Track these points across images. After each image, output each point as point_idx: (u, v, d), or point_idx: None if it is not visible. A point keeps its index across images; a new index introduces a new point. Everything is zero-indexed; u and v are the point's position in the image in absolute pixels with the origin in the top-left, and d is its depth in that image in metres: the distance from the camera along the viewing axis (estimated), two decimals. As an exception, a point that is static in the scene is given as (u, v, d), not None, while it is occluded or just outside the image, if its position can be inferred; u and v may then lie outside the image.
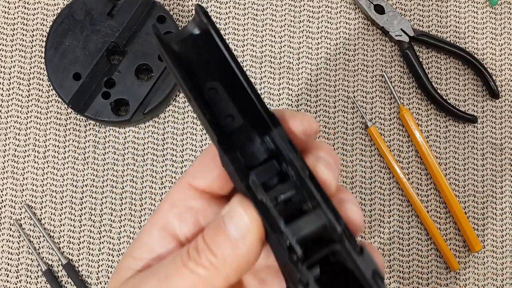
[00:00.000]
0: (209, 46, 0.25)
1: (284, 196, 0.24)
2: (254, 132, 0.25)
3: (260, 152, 0.25)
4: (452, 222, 0.54)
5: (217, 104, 0.25)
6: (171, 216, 0.26)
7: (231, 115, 0.25)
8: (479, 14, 0.57)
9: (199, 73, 0.25)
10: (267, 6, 0.56)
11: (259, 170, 0.24)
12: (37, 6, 0.55)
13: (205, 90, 0.25)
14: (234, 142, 0.25)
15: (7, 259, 0.52)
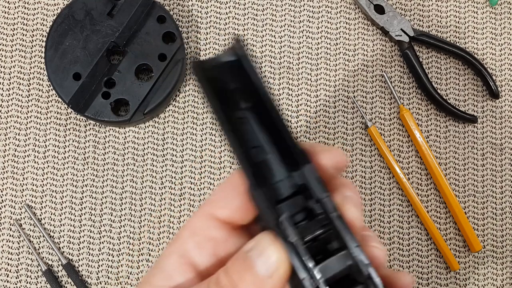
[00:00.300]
0: (242, 75, 0.24)
1: (311, 236, 0.23)
2: (282, 166, 0.25)
3: (286, 187, 0.24)
4: (452, 222, 0.54)
5: (246, 134, 0.25)
6: (190, 244, 0.26)
7: (259, 146, 0.25)
8: (479, 14, 0.57)
9: (231, 102, 0.25)
10: (267, 6, 0.56)
11: (287, 206, 0.24)
12: (37, 6, 0.55)
13: (234, 119, 0.25)
14: (262, 175, 0.24)
15: (7, 259, 0.52)
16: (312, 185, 0.24)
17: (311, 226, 0.24)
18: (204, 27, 0.55)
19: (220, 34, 0.55)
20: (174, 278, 0.26)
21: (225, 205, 0.26)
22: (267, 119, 0.25)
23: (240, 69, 0.24)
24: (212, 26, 0.55)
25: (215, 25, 0.55)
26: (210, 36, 0.55)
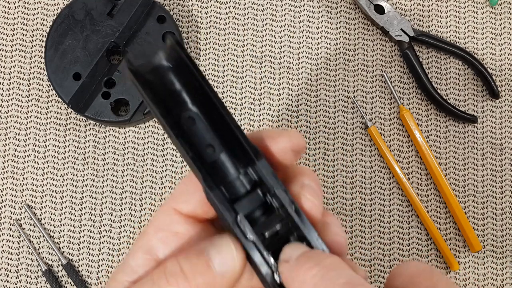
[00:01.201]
0: (184, 75, 0.24)
1: (270, 232, 0.24)
2: (236, 163, 0.25)
3: (244, 184, 0.25)
4: (452, 222, 0.54)
5: (197, 134, 0.24)
6: (155, 240, 0.26)
7: (212, 145, 0.25)
8: (479, 14, 0.57)
9: (175, 103, 0.24)
10: (267, 6, 0.56)
11: (244, 203, 0.24)
12: (37, 6, 0.55)
13: (183, 119, 0.24)
14: (217, 174, 0.25)
15: (7, 259, 0.52)
16: (267, 179, 0.24)
17: (271, 221, 0.24)
18: (204, 27, 0.55)
19: (220, 34, 0.55)
20: (139, 274, 0.26)
21: (187, 200, 0.26)
22: (216, 118, 0.24)
23: (182, 70, 0.24)
24: (212, 26, 0.55)
25: (215, 25, 0.55)
26: (210, 36, 0.55)
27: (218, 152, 0.25)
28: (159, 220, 0.27)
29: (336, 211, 0.53)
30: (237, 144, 0.24)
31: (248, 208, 0.24)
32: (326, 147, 0.54)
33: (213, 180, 0.24)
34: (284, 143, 0.25)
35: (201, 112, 0.24)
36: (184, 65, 0.24)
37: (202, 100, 0.24)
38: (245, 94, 0.55)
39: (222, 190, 0.24)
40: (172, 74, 0.24)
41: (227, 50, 0.55)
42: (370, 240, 0.53)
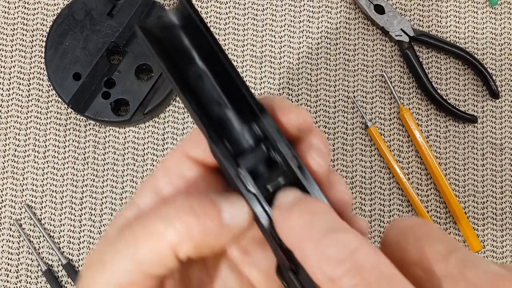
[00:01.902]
0: (193, 34, 0.25)
1: (273, 185, 0.24)
2: (242, 119, 0.25)
3: (248, 139, 0.25)
4: (452, 222, 0.54)
5: (204, 90, 0.25)
6: (163, 181, 0.26)
7: (218, 101, 0.25)
8: (479, 14, 0.57)
9: (183, 60, 0.25)
10: (267, 6, 0.56)
11: (248, 158, 0.24)
12: (37, 6, 0.55)
13: (191, 77, 0.25)
14: (222, 129, 0.25)
15: (7, 259, 0.52)
16: (271, 134, 0.24)
17: (273, 174, 0.24)
18: (204, 27, 0.55)
19: (220, 34, 0.55)
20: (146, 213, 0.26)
21: (198, 146, 0.26)
22: (223, 75, 0.25)
23: (192, 27, 0.24)
24: (212, 26, 0.55)
25: (215, 25, 0.55)
26: (210, 36, 0.55)
27: (224, 108, 0.25)
28: (168, 163, 0.27)
29: (336, 211, 0.53)
30: (242, 101, 0.25)
31: (252, 162, 0.24)
32: (326, 147, 0.54)
33: (218, 135, 0.24)
34: (292, 119, 0.25)
35: (208, 69, 0.25)
36: (193, 23, 0.24)
37: (210, 58, 0.25)
38: (245, 94, 0.55)
39: (226, 145, 0.24)
40: (181, 31, 0.25)
41: (227, 50, 0.55)
42: (370, 240, 0.53)
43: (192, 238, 0.23)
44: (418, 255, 0.22)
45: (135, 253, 0.24)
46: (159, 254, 0.23)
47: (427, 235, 0.22)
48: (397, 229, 0.23)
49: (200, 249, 0.24)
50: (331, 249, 0.20)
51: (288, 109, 0.25)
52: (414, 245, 0.22)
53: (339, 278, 0.20)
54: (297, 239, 0.22)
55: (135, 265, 0.24)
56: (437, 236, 0.22)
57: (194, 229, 0.23)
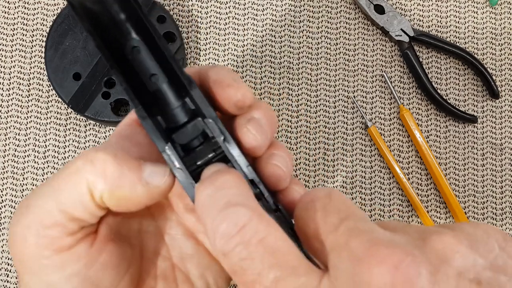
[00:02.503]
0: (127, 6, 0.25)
1: (203, 160, 0.25)
2: (175, 93, 0.25)
3: (182, 114, 0.25)
4: (452, 222, 0.54)
5: (141, 63, 0.25)
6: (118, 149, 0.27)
7: (155, 74, 0.25)
8: (479, 14, 0.57)
9: (119, 33, 0.25)
10: (267, 6, 0.56)
11: (183, 133, 0.25)
12: (37, 6, 0.55)
13: (128, 49, 0.25)
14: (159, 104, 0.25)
15: (7, 259, 0.52)
16: (200, 108, 0.25)
17: (204, 150, 0.25)
18: (204, 27, 0.55)
19: (220, 34, 0.55)
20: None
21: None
22: (156, 49, 0.25)
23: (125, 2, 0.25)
24: (212, 26, 0.55)
25: (215, 25, 0.55)
26: (210, 36, 0.55)
27: (161, 81, 0.25)
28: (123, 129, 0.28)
29: (336, 211, 0.53)
30: (175, 75, 0.25)
31: (187, 137, 0.25)
32: (326, 147, 0.54)
33: (154, 109, 0.25)
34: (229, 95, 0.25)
35: (143, 42, 0.25)
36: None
37: (144, 32, 0.25)
38: (245, 94, 0.55)
39: (157, 119, 0.25)
40: (116, 5, 0.25)
41: (227, 50, 0.55)
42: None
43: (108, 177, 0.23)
44: (314, 227, 0.22)
45: (55, 193, 0.24)
46: (77, 194, 0.24)
47: (324, 207, 0.22)
48: (303, 202, 0.23)
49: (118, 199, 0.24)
50: (223, 224, 0.21)
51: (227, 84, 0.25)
52: (312, 218, 0.22)
53: (229, 253, 0.21)
54: (201, 211, 0.22)
55: (56, 205, 0.24)
56: (334, 206, 0.22)
57: (110, 169, 0.23)
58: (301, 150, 0.54)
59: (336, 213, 0.22)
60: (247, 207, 0.21)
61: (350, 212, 0.22)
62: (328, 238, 0.21)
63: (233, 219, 0.21)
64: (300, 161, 0.54)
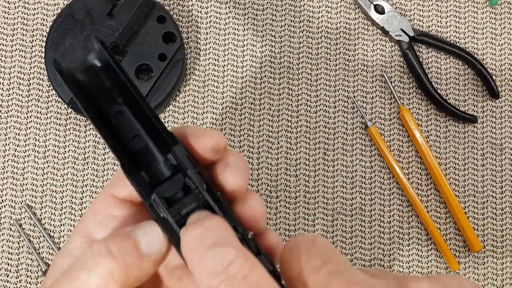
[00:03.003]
0: (111, 74, 0.27)
1: (187, 209, 0.26)
2: (158, 150, 0.27)
3: (165, 169, 0.27)
4: (452, 222, 0.54)
5: (124, 125, 0.27)
6: (92, 224, 0.28)
7: (138, 135, 0.27)
8: (479, 14, 0.57)
9: (104, 99, 0.27)
10: (267, 6, 0.56)
11: (164, 187, 0.26)
12: (37, 6, 0.55)
13: (112, 114, 0.27)
14: (143, 161, 0.27)
15: (7, 259, 0.52)
16: (182, 162, 0.26)
17: (187, 200, 0.26)
18: (204, 27, 0.55)
19: (220, 34, 0.55)
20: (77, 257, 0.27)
21: (123, 185, 0.28)
22: (140, 111, 0.27)
23: (110, 69, 0.27)
24: (212, 26, 0.55)
25: (215, 25, 0.55)
26: (210, 36, 0.55)
27: (144, 141, 0.27)
28: (96, 205, 0.28)
29: (336, 211, 0.53)
30: (157, 133, 0.27)
31: (170, 191, 0.26)
32: (326, 147, 0.54)
33: (138, 166, 0.26)
34: (204, 142, 0.27)
35: (127, 106, 0.27)
36: (111, 65, 0.27)
37: (127, 96, 0.27)
38: (245, 94, 0.55)
39: (141, 175, 0.26)
40: (102, 73, 0.27)
41: (227, 50, 0.55)
42: (370, 240, 0.53)
43: (116, 278, 0.24)
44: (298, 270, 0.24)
45: None
46: None
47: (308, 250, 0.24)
48: (288, 247, 0.25)
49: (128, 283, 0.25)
50: (210, 262, 0.22)
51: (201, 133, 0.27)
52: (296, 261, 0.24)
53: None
54: (188, 252, 0.24)
55: None
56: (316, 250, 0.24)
57: (115, 269, 0.24)
58: (301, 150, 0.54)
59: (318, 257, 0.24)
60: (233, 246, 0.23)
61: (331, 256, 0.24)
62: (310, 280, 0.23)
63: (220, 257, 0.22)
64: (300, 161, 0.54)
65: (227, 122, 0.54)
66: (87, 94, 0.26)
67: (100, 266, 0.24)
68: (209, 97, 0.55)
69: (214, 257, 0.22)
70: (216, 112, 0.54)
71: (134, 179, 0.26)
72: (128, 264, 0.24)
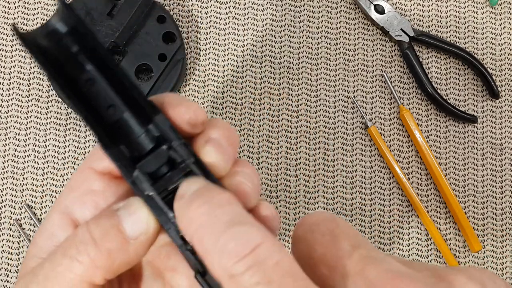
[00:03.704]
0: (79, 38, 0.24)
1: (173, 186, 0.23)
2: (138, 121, 0.25)
3: (146, 142, 0.24)
4: (452, 222, 0.54)
5: (97, 95, 0.24)
6: (70, 200, 0.26)
7: (113, 105, 0.25)
8: (479, 14, 0.57)
9: (72, 65, 0.24)
10: (267, 6, 0.56)
11: (147, 161, 0.24)
12: (37, 6, 0.55)
13: (82, 82, 0.24)
14: (121, 133, 0.24)
15: (7, 259, 0.52)
16: (166, 133, 0.24)
17: (173, 175, 0.24)
18: (204, 27, 0.55)
19: (220, 34, 0.55)
20: (57, 236, 0.25)
21: (101, 157, 0.25)
22: (113, 79, 0.24)
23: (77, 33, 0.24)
24: (212, 26, 0.55)
25: (215, 25, 0.55)
26: (210, 36, 0.55)
27: (120, 111, 0.25)
28: (74, 180, 0.26)
29: (336, 211, 0.53)
30: (136, 103, 0.24)
31: (154, 165, 0.24)
32: (326, 147, 0.54)
33: (116, 139, 0.24)
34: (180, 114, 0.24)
35: (99, 73, 0.24)
36: (78, 28, 0.24)
37: (98, 62, 0.24)
38: (245, 94, 0.55)
39: (121, 149, 0.24)
40: (67, 37, 0.24)
41: (227, 50, 0.55)
42: (370, 240, 0.53)
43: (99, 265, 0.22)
44: (323, 251, 0.21)
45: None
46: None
47: (332, 231, 0.22)
48: (305, 225, 0.22)
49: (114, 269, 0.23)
50: (232, 243, 0.19)
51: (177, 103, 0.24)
52: (319, 242, 0.21)
53: (240, 275, 0.19)
54: (197, 232, 0.21)
55: None
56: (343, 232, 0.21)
57: (97, 257, 0.22)
58: (301, 150, 0.54)
59: (346, 239, 0.21)
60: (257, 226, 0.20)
61: (361, 240, 0.21)
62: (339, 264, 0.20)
63: (245, 237, 0.19)
64: (300, 161, 0.54)
65: (227, 122, 0.54)
66: (53, 62, 0.24)
67: (82, 254, 0.22)
68: (209, 97, 0.55)
69: (237, 237, 0.19)
70: (216, 112, 0.54)
71: (112, 153, 0.23)
72: (111, 250, 0.22)
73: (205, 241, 0.20)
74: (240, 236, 0.19)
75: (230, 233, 0.20)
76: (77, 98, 0.24)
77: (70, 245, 0.23)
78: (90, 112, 0.24)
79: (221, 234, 0.20)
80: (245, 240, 0.19)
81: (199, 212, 0.21)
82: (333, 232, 0.22)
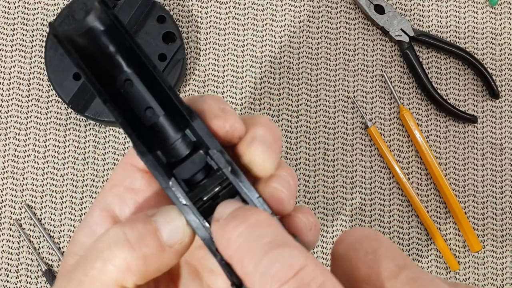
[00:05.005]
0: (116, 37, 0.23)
1: (209, 195, 0.23)
2: (174, 125, 0.24)
3: (183, 147, 0.24)
4: (452, 222, 0.54)
5: (135, 96, 0.24)
6: (111, 197, 0.25)
7: (151, 107, 0.24)
8: (479, 14, 0.57)
9: (110, 66, 0.24)
10: (267, 6, 0.56)
11: (185, 167, 0.23)
12: (37, 6, 0.55)
13: (119, 83, 0.24)
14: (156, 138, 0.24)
15: (7, 259, 0.52)
16: (203, 139, 0.23)
17: (209, 183, 0.23)
18: (204, 27, 0.55)
19: (220, 34, 0.55)
20: (97, 233, 0.25)
21: None
22: (151, 80, 0.24)
23: (114, 32, 0.23)
24: (212, 26, 0.55)
25: (215, 25, 0.55)
26: (210, 36, 0.55)
27: (157, 114, 0.24)
28: (115, 176, 0.26)
29: (336, 211, 0.53)
30: (173, 106, 0.23)
31: (190, 171, 0.23)
32: (326, 147, 0.54)
33: (152, 144, 0.23)
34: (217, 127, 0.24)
35: (136, 74, 0.24)
36: (115, 27, 0.23)
37: (136, 62, 0.24)
38: (245, 94, 0.55)
39: (157, 154, 0.23)
40: (104, 36, 0.23)
41: (227, 50, 0.55)
42: (370, 240, 0.53)
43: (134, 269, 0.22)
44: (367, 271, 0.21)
45: None
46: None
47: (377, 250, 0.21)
48: (347, 242, 0.22)
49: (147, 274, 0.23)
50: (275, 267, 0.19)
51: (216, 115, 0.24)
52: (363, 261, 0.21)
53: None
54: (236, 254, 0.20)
55: None
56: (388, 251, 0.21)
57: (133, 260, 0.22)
58: (301, 150, 0.54)
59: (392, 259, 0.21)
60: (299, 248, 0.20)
61: (407, 260, 0.21)
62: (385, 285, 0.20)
63: (288, 261, 0.19)
64: (300, 161, 0.54)
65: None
66: (89, 62, 0.23)
67: (116, 257, 0.22)
68: (209, 97, 0.55)
69: (279, 260, 0.19)
70: (216, 112, 0.54)
71: (149, 160, 0.23)
72: (147, 255, 0.22)
73: (245, 263, 0.20)
74: (282, 259, 0.19)
75: (272, 256, 0.19)
76: (115, 100, 0.23)
77: (104, 247, 0.23)
78: (126, 116, 0.23)
79: (262, 257, 0.19)
80: (288, 263, 0.19)
81: (236, 233, 0.20)
82: (377, 251, 0.21)
